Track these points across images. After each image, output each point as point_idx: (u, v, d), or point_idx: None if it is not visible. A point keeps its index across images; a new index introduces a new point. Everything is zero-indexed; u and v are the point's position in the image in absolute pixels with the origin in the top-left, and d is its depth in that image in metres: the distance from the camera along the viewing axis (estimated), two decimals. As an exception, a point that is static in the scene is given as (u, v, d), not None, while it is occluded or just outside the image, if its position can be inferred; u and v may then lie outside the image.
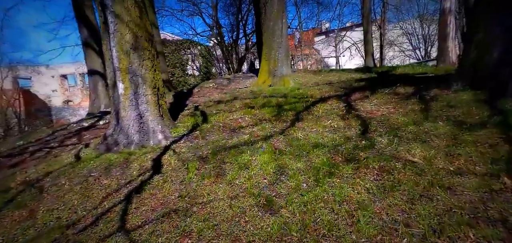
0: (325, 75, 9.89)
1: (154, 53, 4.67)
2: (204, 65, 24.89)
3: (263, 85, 8.31)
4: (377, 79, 7.81)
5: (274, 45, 8.34)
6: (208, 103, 7.26)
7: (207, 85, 10.86)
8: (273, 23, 8.29)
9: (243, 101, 6.74)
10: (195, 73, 24.76)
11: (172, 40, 23.51)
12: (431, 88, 5.49)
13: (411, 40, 29.63)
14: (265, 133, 4.36)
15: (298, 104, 5.88)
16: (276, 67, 8.39)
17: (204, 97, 8.76)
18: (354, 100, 5.77)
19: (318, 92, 6.90)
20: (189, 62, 24.39)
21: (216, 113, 5.93)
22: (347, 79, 8.40)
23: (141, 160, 3.72)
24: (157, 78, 4.72)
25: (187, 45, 24.13)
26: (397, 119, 4.16)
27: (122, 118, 4.38)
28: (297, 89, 7.45)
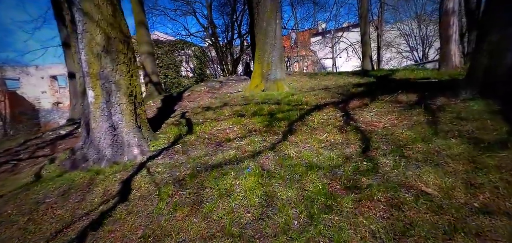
0: (321, 78, 9.42)
1: (130, 56, 4.15)
2: (198, 67, 24.33)
3: (256, 90, 7.81)
4: (376, 84, 7.34)
5: (267, 47, 7.84)
6: (196, 109, 6.74)
7: (198, 88, 10.34)
8: (266, 23, 7.79)
9: (233, 108, 6.23)
10: (189, 74, 24.19)
11: (165, 41, 22.93)
12: (437, 96, 5.02)
13: (409, 42, 29.31)
14: (254, 148, 3.85)
15: (292, 113, 5.38)
16: (269, 70, 7.89)
17: (194, 102, 8.24)
18: (352, 108, 5.29)
19: (313, 99, 6.42)
20: (183, 63, 23.82)
21: (202, 122, 5.41)
22: (344, 83, 7.92)
23: (109, 181, 3.20)
24: (134, 85, 4.19)
25: (181, 46, 23.55)
26: (402, 133, 3.68)
27: (93, 130, 3.85)
28: (292, 95, 6.96)
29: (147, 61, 11.58)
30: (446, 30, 8.67)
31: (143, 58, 11.61)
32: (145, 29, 11.58)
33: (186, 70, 24.06)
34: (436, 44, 29.37)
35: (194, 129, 4.98)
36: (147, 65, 11.57)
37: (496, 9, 4.42)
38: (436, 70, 8.34)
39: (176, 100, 8.84)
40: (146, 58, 11.57)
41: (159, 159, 3.78)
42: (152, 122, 6.12)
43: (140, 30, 11.45)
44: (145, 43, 11.55)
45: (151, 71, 11.57)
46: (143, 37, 11.50)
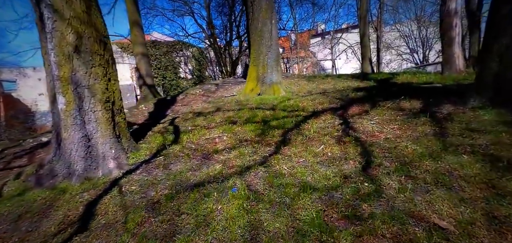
0: (320, 82, 9.01)
1: (108, 58, 3.74)
2: (196, 68, 23.93)
3: (251, 94, 7.40)
4: (376, 88, 6.93)
5: (262, 49, 7.44)
6: (187, 115, 6.33)
7: (193, 91, 9.93)
8: (261, 24, 7.39)
9: (226, 114, 5.83)
10: (188, 76, 23.80)
11: (163, 42, 22.54)
12: (443, 104, 4.61)
13: (409, 43, 28.90)
14: (243, 162, 3.44)
15: (287, 120, 4.98)
16: (265, 73, 7.49)
17: (187, 106, 7.84)
18: (352, 115, 4.88)
19: (311, 104, 6.01)
20: (182, 64, 23.43)
21: (191, 130, 5.00)
22: (343, 87, 7.52)
23: (73, 203, 2.79)
24: (112, 90, 3.78)
25: (179, 47, 23.17)
26: (407, 147, 3.27)
27: (64, 141, 3.44)
28: (288, 99, 6.55)
29: (141, 63, 11.18)
30: (448, 32, 8.26)
31: (137, 59, 11.22)
32: (139, 30, 11.18)
33: (184, 72, 23.67)
34: (436, 46, 28.96)
35: (181, 138, 4.57)
36: (141, 67, 11.17)
37: (506, 9, 4.00)
38: (439, 74, 7.93)
39: (169, 103, 8.44)
40: (141, 59, 11.17)
41: (137, 174, 3.37)
42: (138, 129, 5.73)
43: (134, 30, 11.05)
44: (140, 44, 11.16)
45: (146, 73, 11.18)
46: (138, 38, 11.10)
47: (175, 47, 22.89)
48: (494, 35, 4.30)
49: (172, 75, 22.61)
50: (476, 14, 13.43)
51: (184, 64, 23.72)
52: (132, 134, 4.80)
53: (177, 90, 22.72)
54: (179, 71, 23.30)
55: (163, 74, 22.23)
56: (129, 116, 7.45)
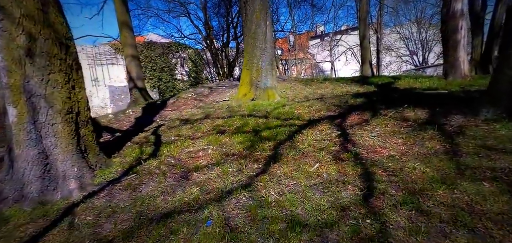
0: (317, 86, 8.53)
1: (71, 63, 3.24)
2: (193, 70, 23.44)
3: (244, 99, 6.91)
4: (377, 94, 6.44)
5: (256, 51, 6.95)
6: (174, 122, 5.84)
7: (185, 95, 9.44)
8: (255, 25, 6.90)
9: (215, 122, 5.33)
10: (184, 78, 23.30)
11: (159, 43, 22.03)
12: (451, 114, 4.13)
13: (409, 45, 28.48)
14: (225, 184, 2.95)
15: (280, 130, 4.49)
16: (259, 77, 7.00)
17: (177, 111, 7.34)
18: (351, 126, 4.40)
19: (307, 111, 5.52)
20: (178, 66, 22.93)
21: (174, 140, 4.51)
22: (342, 92, 7.03)
23: (11, 239, 2.30)
24: (77, 99, 3.29)
25: (175, 48, 22.67)
26: (414, 169, 2.78)
27: (16, 158, 2.95)
28: (282, 106, 6.07)
29: (132, 65, 10.69)
30: (453, 34, 7.77)
31: (127, 62, 10.72)
32: (129, 31, 10.69)
33: (181, 73, 23.17)
34: (436, 48, 28.55)
35: (160, 151, 4.07)
36: (132, 70, 10.68)
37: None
38: (443, 79, 7.45)
39: (159, 108, 7.94)
40: (131, 61, 10.68)
41: (99, 198, 2.87)
42: (116, 139, 5.23)
43: (124, 32, 10.56)
44: (130, 45, 10.67)
45: (136, 76, 10.69)
46: (127, 40, 10.61)
47: (171, 49, 22.38)
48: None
49: (168, 77, 22.10)
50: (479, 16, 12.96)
51: (181, 66, 23.22)
52: (107, 146, 4.30)
53: (173, 92, 22.22)
54: (175, 73, 22.79)
55: (158, 76, 21.72)
56: (114, 122, 6.96)
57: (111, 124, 6.64)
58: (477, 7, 12.64)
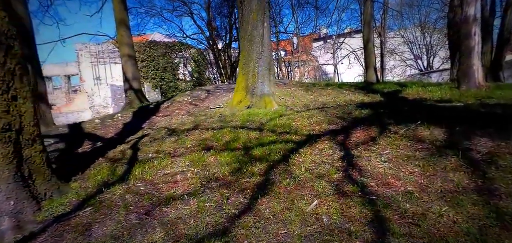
0: (319, 92, 7.82)
1: (13, 67, 2.57)
2: (195, 70, 22.81)
3: (239, 107, 6.23)
4: (384, 105, 5.72)
5: (253, 55, 6.27)
6: (159, 132, 5.18)
7: (180, 99, 8.80)
8: (251, 27, 6.21)
9: (203, 135, 4.67)
10: (187, 78, 22.69)
11: (162, 42, 21.44)
12: (475, 135, 3.40)
13: (413, 49, 27.53)
14: (196, 229, 2.28)
15: (275, 148, 3.81)
16: (255, 83, 6.32)
17: (168, 117, 6.70)
18: (356, 145, 3.70)
19: (306, 124, 4.83)
20: (181, 66, 22.31)
21: (152, 158, 3.85)
22: (345, 102, 6.31)
23: None
24: (19, 112, 2.62)
25: (178, 48, 22.06)
26: (442, 216, 2.09)
27: None
28: (280, 116, 5.38)
29: (128, 65, 10.07)
30: (466, 41, 6.99)
31: (123, 61, 10.12)
32: (126, 30, 10.08)
33: (183, 73, 22.56)
34: (441, 53, 27.55)
35: (132, 172, 3.41)
36: (127, 70, 10.07)
37: None
38: (455, 89, 6.69)
39: (150, 113, 7.31)
40: (127, 61, 10.07)
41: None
42: (89, 153, 4.58)
43: (121, 30, 9.95)
44: (126, 45, 10.05)
45: (132, 76, 10.07)
46: (124, 39, 9.99)
47: (174, 48, 21.78)
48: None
49: (170, 76, 21.53)
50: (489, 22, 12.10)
51: (183, 66, 22.61)
52: (72, 163, 3.66)
53: (175, 92, 21.63)
54: (178, 73, 22.20)
55: (161, 76, 21.15)
56: (100, 128, 6.33)
57: (95, 131, 6.02)
58: (486, 13, 11.77)
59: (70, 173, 3.35)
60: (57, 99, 21.33)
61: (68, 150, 5.06)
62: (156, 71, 21.03)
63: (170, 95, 21.55)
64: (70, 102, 20.28)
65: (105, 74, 19.86)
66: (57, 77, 21.93)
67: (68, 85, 21.54)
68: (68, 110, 19.48)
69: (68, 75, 21.72)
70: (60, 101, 21.18)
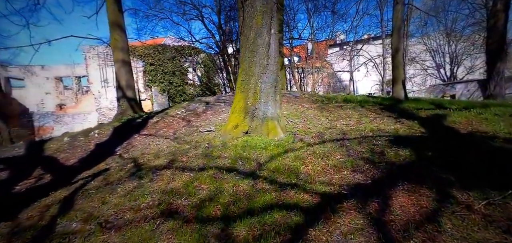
0: (336, 113, 6.26)
1: None
2: (205, 75, 21.61)
3: (234, 133, 4.80)
4: (429, 142, 4.09)
5: (255, 68, 4.83)
6: (117, 171, 3.81)
7: (174, 112, 7.49)
8: (254, 33, 4.78)
9: (172, 183, 3.25)
10: (196, 83, 21.52)
11: (172, 46, 20.38)
12: None
13: (436, 58, 25.22)
14: None
15: (270, 220, 2.36)
16: (256, 104, 4.87)
17: (150, 138, 5.38)
18: (403, 226, 2.19)
19: (321, 170, 3.35)
20: (190, 70, 21.17)
21: (75, 232, 2.47)
22: (372, 131, 4.73)
23: None
24: None
25: (188, 52, 20.95)
26: None
27: None
28: (285, 151, 3.92)
29: (121, 72, 8.88)
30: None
31: (117, 67, 8.93)
32: (121, 33, 8.89)
33: (193, 78, 21.43)
34: (466, 62, 25.08)
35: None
36: (121, 77, 8.87)
37: None
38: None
39: (133, 131, 6.01)
40: (121, 68, 8.88)
41: None
42: (25, 194, 3.25)
43: (114, 33, 8.77)
44: (120, 49, 8.86)
45: (126, 84, 8.87)
46: (118, 43, 8.81)
47: (183, 52, 20.69)
48: None
49: (179, 81, 20.43)
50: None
51: (193, 71, 21.48)
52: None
53: (183, 97, 20.54)
54: (187, 77, 21.08)
55: (169, 80, 20.10)
56: (66, 149, 5.09)
57: (57, 154, 4.78)
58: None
59: None
60: (67, 99, 20.73)
61: (8, 183, 3.80)
62: (165, 75, 20.01)
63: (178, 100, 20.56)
64: (77, 104, 19.58)
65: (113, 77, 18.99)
66: (67, 78, 21.35)
67: (79, 86, 20.90)
68: (75, 112, 18.77)
69: (79, 77, 21.08)
70: (69, 102, 20.57)
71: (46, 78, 20.48)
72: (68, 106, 19.30)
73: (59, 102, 20.50)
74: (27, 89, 20.06)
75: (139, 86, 20.36)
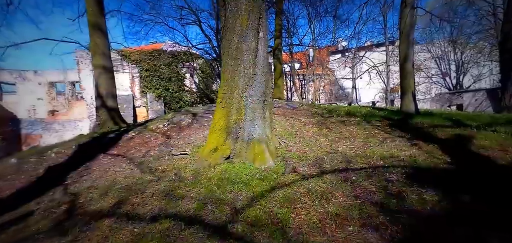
0: (338, 130, 5.31)
1: None
2: (202, 81, 20.74)
3: (212, 158, 3.85)
4: (459, 176, 3.12)
5: (239, 80, 3.91)
6: (46, 214, 2.88)
7: (154, 126, 6.57)
8: (238, 37, 3.87)
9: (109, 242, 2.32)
10: (194, 89, 20.65)
11: (168, 52, 19.57)
12: None
13: (441, 66, 24.22)
14: None
15: None
16: (241, 122, 3.94)
17: (112, 161, 4.45)
18: None
19: (317, 221, 2.39)
20: (187, 76, 20.32)
21: None
22: (383, 158, 3.76)
23: None
24: None
25: (185, 58, 20.12)
26: None
27: None
28: (272, 188, 2.97)
29: (102, 79, 8.00)
30: None
31: (96, 74, 8.06)
32: (102, 36, 8.03)
33: (190, 84, 20.56)
34: (473, 71, 24.05)
35: None
36: (101, 84, 7.99)
37: None
38: None
39: (99, 149, 5.09)
40: (101, 74, 8.00)
41: None
42: None
43: (94, 36, 7.92)
44: (101, 54, 8.00)
45: (106, 92, 7.98)
46: (98, 47, 7.95)
47: (181, 58, 19.87)
48: None
49: (176, 87, 19.58)
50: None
51: (190, 76, 20.64)
52: None
53: (179, 104, 19.69)
54: (184, 84, 20.23)
55: (165, 86, 19.24)
56: (10, 173, 4.17)
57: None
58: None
59: None
60: (60, 106, 19.92)
61: None
62: (161, 81, 19.17)
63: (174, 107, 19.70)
64: (69, 110, 18.73)
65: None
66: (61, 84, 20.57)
67: (72, 92, 20.10)
68: (66, 119, 17.90)
69: (73, 82, 20.29)
70: (62, 108, 19.75)
71: (38, 84, 19.71)
72: (59, 113, 18.46)
73: (52, 109, 19.68)
74: (19, 94, 19.28)
75: (135, 93, 19.55)
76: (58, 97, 20.33)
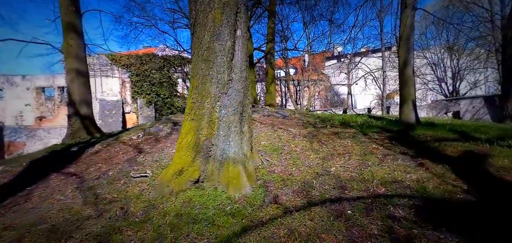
0: (332, 144, 4.58)
1: None
2: (194, 86, 19.97)
3: (176, 184, 3.09)
4: (493, 219, 2.41)
5: (211, 86, 3.19)
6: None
7: (127, 137, 5.82)
8: (210, 35, 3.15)
9: None
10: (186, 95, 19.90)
11: (160, 56, 18.85)
12: None
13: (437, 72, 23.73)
14: None
15: None
16: (212, 138, 3.20)
17: (62, 182, 3.69)
18: None
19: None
20: (179, 81, 19.59)
21: None
22: (384, 184, 3.03)
23: None
24: None
25: (177, 62, 19.41)
26: None
27: None
28: (242, 229, 2.22)
29: (74, 84, 7.24)
30: None
31: (69, 79, 7.29)
32: (76, 37, 7.29)
33: (182, 89, 19.81)
34: (469, 77, 23.58)
35: None
36: (74, 90, 7.23)
37: None
38: None
39: (54, 166, 4.31)
40: (74, 79, 7.24)
41: None
42: None
43: (68, 37, 7.17)
44: (75, 57, 7.25)
45: (80, 99, 7.21)
46: (72, 49, 7.20)
47: (173, 62, 19.16)
48: None
49: (167, 92, 18.81)
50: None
51: (182, 81, 19.91)
52: None
53: (171, 110, 18.94)
54: (176, 89, 19.48)
55: (157, 91, 18.47)
56: None
57: None
58: None
59: None
60: (48, 112, 19.03)
61: None
62: (152, 86, 18.41)
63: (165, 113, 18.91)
64: (55, 117, 17.87)
65: (95, 88, 17.39)
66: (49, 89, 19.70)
67: (62, 97, 19.23)
68: (51, 126, 17.03)
69: (62, 87, 19.43)
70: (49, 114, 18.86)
71: (26, 89, 18.84)
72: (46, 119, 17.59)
73: (39, 115, 18.78)
74: (6, 100, 18.39)
75: (126, 98, 18.77)
76: (46, 103, 19.46)
